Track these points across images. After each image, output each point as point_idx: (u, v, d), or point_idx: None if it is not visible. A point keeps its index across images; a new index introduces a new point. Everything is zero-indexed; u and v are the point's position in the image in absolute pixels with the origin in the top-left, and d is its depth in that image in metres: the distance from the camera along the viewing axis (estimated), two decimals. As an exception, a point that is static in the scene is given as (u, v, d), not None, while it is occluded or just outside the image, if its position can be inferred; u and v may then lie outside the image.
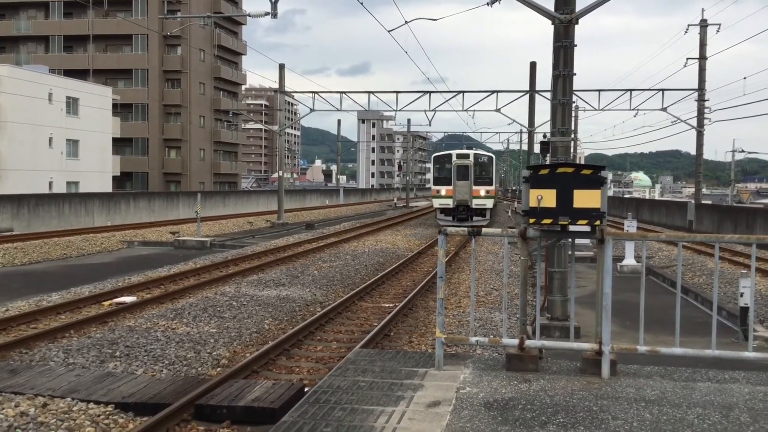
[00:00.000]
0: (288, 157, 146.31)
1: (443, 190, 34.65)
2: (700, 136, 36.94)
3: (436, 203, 35.43)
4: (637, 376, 6.81)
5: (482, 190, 34.59)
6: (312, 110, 39.40)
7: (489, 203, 35.35)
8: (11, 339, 10.48)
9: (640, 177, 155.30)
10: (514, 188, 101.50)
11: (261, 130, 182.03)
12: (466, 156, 35.18)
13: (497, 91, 35.83)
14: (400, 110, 37.55)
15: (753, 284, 7.37)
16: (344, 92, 38.26)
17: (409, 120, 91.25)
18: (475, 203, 34.47)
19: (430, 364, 7.17)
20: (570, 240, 7.93)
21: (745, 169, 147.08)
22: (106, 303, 13.86)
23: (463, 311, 13.35)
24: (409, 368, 7.07)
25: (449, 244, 24.21)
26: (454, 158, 34.84)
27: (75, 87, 53.42)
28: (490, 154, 36.52)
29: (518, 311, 7.49)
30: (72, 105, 52.46)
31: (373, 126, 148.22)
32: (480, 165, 34.90)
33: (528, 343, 6.97)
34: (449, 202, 34.46)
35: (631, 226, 21.01)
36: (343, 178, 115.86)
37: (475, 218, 34.83)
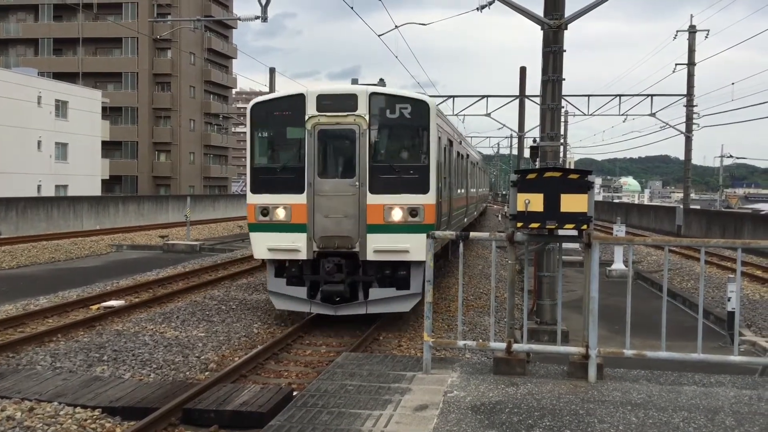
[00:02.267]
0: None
1: (279, 207, 11.97)
2: (688, 141, 37.18)
3: (260, 245, 12.11)
4: (624, 379, 6.84)
5: (396, 209, 11.68)
6: (302, 114, 39.18)
7: (418, 245, 11.34)
8: (-2, 343, 10.42)
9: (629, 182, 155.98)
10: (504, 192, 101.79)
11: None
12: (348, 101, 11.94)
13: (487, 96, 35.96)
14: (390, 114, 37.34)
15: (738, 288, 7.43)
16: (334, 96, 38.11)
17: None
18: (377, 247, 11.65)
19: (418, 368, 7.18)
20: (558, 244, 7.97)
21: (733, 174, 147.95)
22: (94, 307, 13.81)
23: (452, 315, 13.37)
24: (397, 372, 7.08)
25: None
26: (309, 110, 11.93)
27: (64, 90, 53.19)
28: (424, 98, 12.33)
29: (506, 315, 7.51)
30: (61, 108, 52.24)
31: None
32: (390, 130, 12.35)
33: (515, 347, 7.00)
34: (296, 245, 11.86)
35: (620, 230, 21.08)
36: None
37: (381, 293, 11.92)
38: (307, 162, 11.86)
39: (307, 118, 11.87)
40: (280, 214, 11.91)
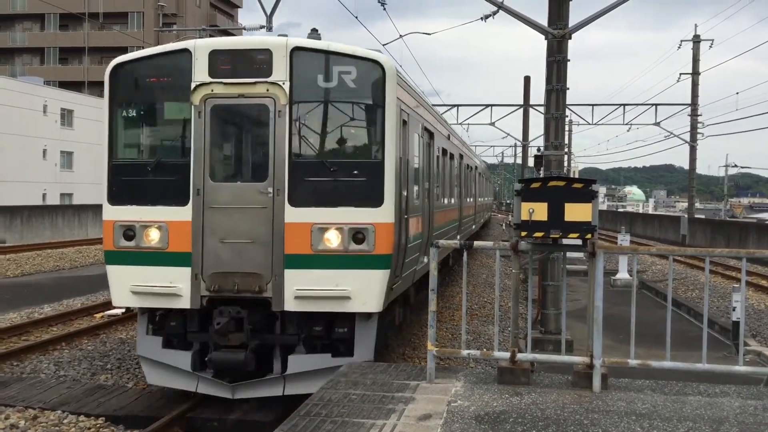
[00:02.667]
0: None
1: (151, 226, 8.00)
2: (693, 150, 37.17)
3: (120, 285, 7.98)
4: (628, 389, 6.82)
5: (332, 231, 7.73)
6: (307, 123, 39.21)
7: (365, 287, 7.72)
8: (2, 351, 10.43)
9: (633, 191, 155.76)
10: (508, 201, 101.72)
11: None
12: (258, 59, 7.90)
13: (491, 105, 36.08)
14: (394, 123, 37.33)
15: (743, 298, 7.41)
16: (339, 105, 38.17)
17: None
18: (302, 291, 7.69)
19: (421, 377, 7.17)
20: (562, 253, 7.96)
21: (738, 183, 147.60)
22: (98, 315, 13.82)
23: (456, 324, 13.34)
24: (401, 381, 7.06)
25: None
26: (198, 74, 7.92)
27: (70, 99, 53.50)
28: (377, 57, 7.94)
29: (511, 324, 7.50)
30: (67, 117, 52.50)
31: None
32: (324, 107, 8.21)
33: (519, 356, 6.98)
34: (175, 285, 7.81)
35: (624, 240, 21.08)
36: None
37: (308, 362, 7.85)
38: (193, 156, 7.92)
39: (194, 87, 7.90)
40: (153, 236, 7.93)
